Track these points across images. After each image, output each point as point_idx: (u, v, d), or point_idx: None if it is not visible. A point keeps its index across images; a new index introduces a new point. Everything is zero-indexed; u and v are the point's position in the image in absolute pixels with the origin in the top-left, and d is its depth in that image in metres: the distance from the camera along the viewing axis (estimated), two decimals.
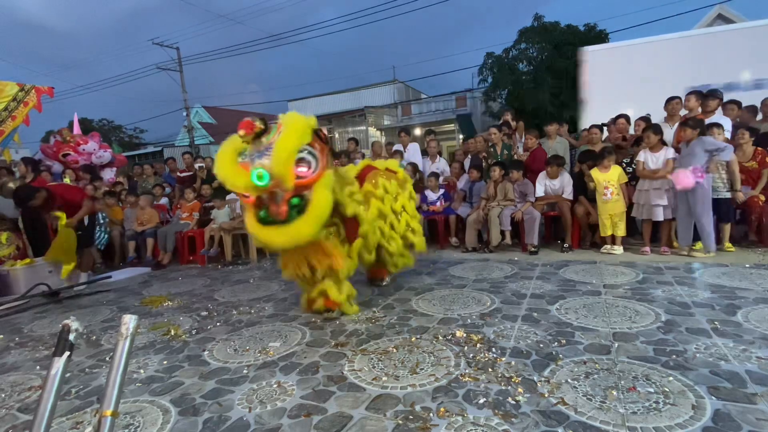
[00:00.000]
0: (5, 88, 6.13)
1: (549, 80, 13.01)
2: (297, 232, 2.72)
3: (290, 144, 2.69)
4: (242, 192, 2.79)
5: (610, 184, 4.65)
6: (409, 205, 3.86)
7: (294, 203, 2.74)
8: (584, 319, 2.84)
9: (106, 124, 29.68)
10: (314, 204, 2.75)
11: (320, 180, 2.80)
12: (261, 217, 2.80)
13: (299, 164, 2.73)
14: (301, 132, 2.76)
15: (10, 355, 3.02)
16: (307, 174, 2.75)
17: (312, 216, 2.73)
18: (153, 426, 1.94)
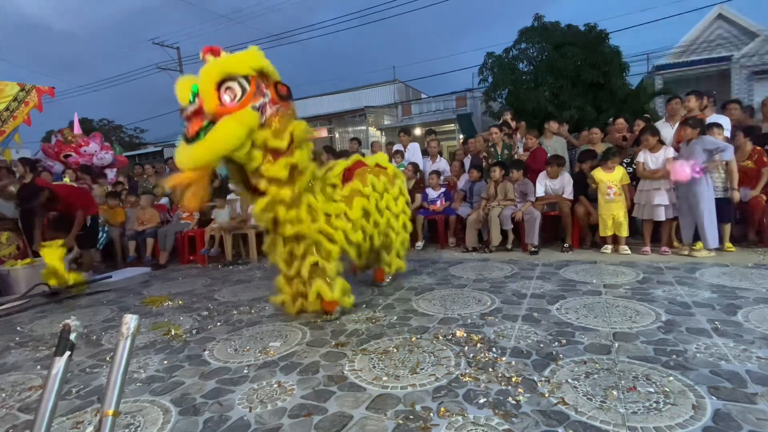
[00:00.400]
0: (5, 88, 6.14)
1: (549, 80, 12.97)
2: (190, 153, 2.52)
3: (218, 66, 2.58)
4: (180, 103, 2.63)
5: (613, 185, 4.64)
6: (394, 203, 3.72)
7: (204, 125, 2.53)
8: (584, 319, 2.84)
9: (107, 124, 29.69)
10: (214, 130, 2.51)
11: (235, 113, 2.57)
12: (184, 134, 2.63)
13: (226, 92, 2.58)
14: (237, 60, 2.64)
15: (11, 355, 3.02)
16: (228, 104, 2.57)
17: (206, 141, 2.50)
18: (153, 426, 1.95)
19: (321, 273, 3.05)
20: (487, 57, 14.55)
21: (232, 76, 2.59)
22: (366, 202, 3.40)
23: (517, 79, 13.83)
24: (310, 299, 3.10)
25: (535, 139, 5.69)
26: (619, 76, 13.09)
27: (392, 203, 3.71)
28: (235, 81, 2.59)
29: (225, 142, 2.53)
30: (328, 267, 3.04)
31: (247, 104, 2.61)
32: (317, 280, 3.04)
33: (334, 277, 3.09)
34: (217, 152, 2.54)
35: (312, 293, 3.06)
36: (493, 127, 6.05)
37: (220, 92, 2.55)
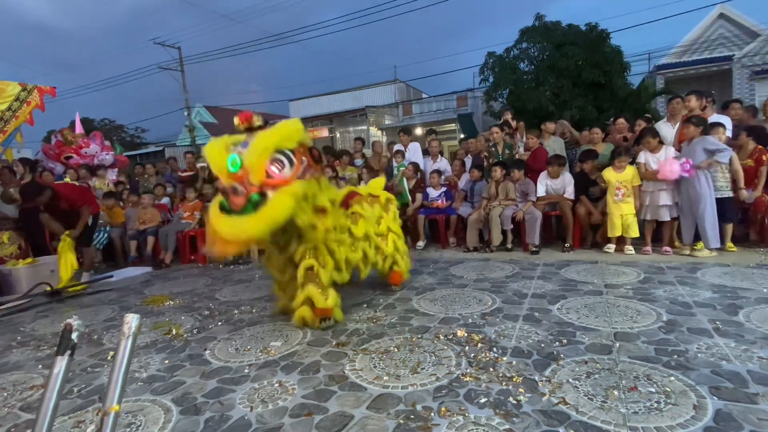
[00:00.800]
0: (7, 88, 6.14)
1: (550, 80, 12.96)
2: (242, 226, 2.57)
3: (270, 140, 2.66)
4: (216, 173, 2.71)
5: (623, 185, 4.63)
6: (395, 225, 3.80)
7: (253, 198, 2.60)
8: (585, 318, 2.84)
9: (108, 123, 29.75)
10: (270, 204, 2.59)
11: (288, 186, 2.67)
12: (222, 203, 2.68)
13: (273, 163, 2.66)
14: (285, 133, 2.73)
15: (12, 354, 3.03)
16: (276, 175, 2.66)
17: (262, 215, 2.56)
18: (155, 425, 1.95)
19: (313, 279, 2.96)
20: (488, 57, 14.54)
21: (280, 150, 2.67)
22: (368, 225, 3.45)
23: (518, 79, 13.82)
24: (296, 304, 3.00)
25: (536, 138, 5.69)
26: (620, 75, 13.07)
27: (394, 225, 3.78)
28: (281, 153, 2.68)
29: (280, 215, 2.60)
30: (322, 273, 2.97)
31: (295, 176, 2.72)
32: (309, 285, 2.95)
33: (327, 285, 3.01)
34: (273, 225, 2.59)
35: (300, 298, 2.98)
36: (494, 127, 6.05)
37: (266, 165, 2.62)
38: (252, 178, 2.60)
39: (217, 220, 2.66)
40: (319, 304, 2.94)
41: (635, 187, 4.64)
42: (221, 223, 2.63)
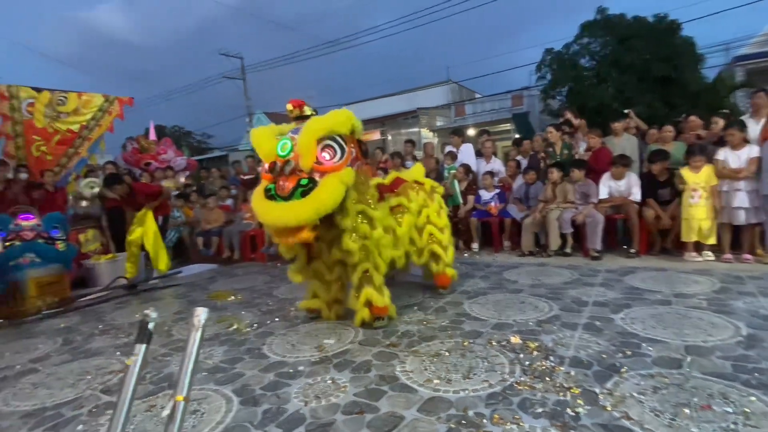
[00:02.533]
0: (93, 99, 6.80)
1: (613, 75, 12.26)
2: (291, 211, 2.52)
3: (322, 124, 2.65)
4: (264, 157, 2.73)
5: (699, 186, 4.29)
6: (436, 217, 3.64)
7: (302, 183, 2.57)
8: (652, 330, 2.66)
9: (178, 130, 31.86)
10: (319, 189, 2.55)
11: (337, 172, 2.64)
12: (267, 189, 2.63)
13: (325, 150, 2.64)
14: (338, 120, 2.72)
15: (95, 341, 3.34)
16: (327, 162, 2.64)
17: (312, 200, 2.52)
18: (217, 413, 2.07)
19: (370, 280, 3.01)
20: (545, 53, 14.04)
21: (332, 136, 2.69)
22: (413, 218, 3.42)
23: (579, 76, 13.21)
24: (358, 307, 3.03)
25: (597, 138, 5.39)
26: (693, 69, 12.12)
27: (435, 217, 3.63)
28: (333, 140, 2.69)
29: (332, 201, 2.57)
30: (376, 276, 3.02)
31: (346, 164, 2.72)
32: (367, 287, 2.99)
33: (381, 285, 3.05)
34: (323, 211, 2.56)
35: (361, 301, 3.00)
36: (550, 127, 5.82)
37: (317, 150, 2.64)
38: (302, 163, 2.59)
39: (263, 206, 2.61)
40: (378, 303, 2.98)
41: (712, 187, 4.27)
42: (267, 208, 2.59)
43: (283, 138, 2.69)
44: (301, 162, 2.58)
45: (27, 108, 6.20)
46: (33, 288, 4.34)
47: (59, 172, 6.36)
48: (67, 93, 6.57)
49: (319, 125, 2.66)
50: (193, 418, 2.03)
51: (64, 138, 6.49)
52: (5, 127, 6.09)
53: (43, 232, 4.58)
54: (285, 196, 2.56)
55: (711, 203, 4.24)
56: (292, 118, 2.91)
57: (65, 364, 2.91)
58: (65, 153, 6.54)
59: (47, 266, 4.51)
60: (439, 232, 3.62)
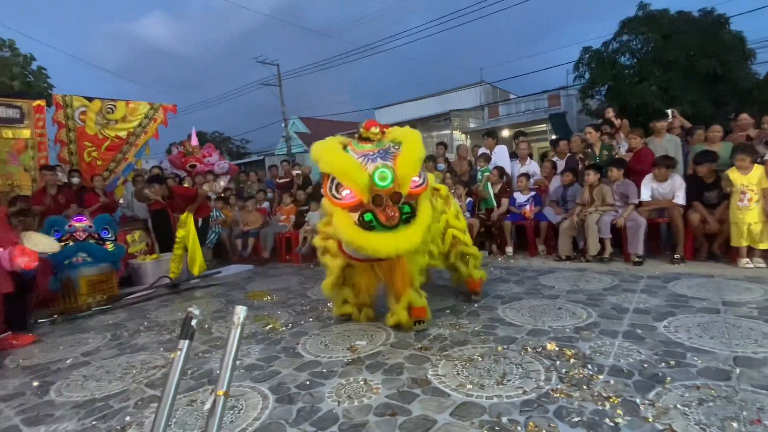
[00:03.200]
0: (139, 107, 7.17)
1: (656, 73, 11.75)
2: (407, 239, 2.62)
3: (418, 153, 2.80)
4: (357, 189, 2.65)
5: (748, 189, 4.05)
6: (456, 220, 3.68)
7: (405, 210, 2.67)
8: (698, 339, 2.53)
9: (218, 135, 33.04)
10: (422, 213, 2.73)
11: (424, 192, 2.85)
12: (365, 220, 2.64)
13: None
14: (422, 146, 2.89)
15: (140, 337, 3.52)
16: (416, 185, 2.77)
17: (420, 224, 2.69)
18: (254, 410, 2.14)
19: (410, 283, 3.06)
20: (583, 52, 13.66)
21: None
22: (438, 225, 3.48)
23: (618, 74, 12.77)
24: (398, 310, 3.04)
25: (639, 138, 5.18)
26: (742, 65, 11.47)
27: (454, 220, 3.67)
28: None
29: (429, 222, 2.79)
30: (416, 279, 3.10)
31: (427, 187, 2.91)
32: (409, 290, 3.03)
33: (418, 288, 3.12)
34: (426, 233, 2.76)
35: (402, 303, 3.02)
36: (588, 127, 5.64)
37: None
38: (404, 191, 2.68)
39: (369, 239, 2.63)
40: (417, 303, 3.03)
41: (764, 189, 4.02)
42: (377, 240, 2.62)
43: (381, 167, 2.68)
44: (403, 190, 2.69)
45: (79, 116, 6.61)
46: (84, 286, 4.62)
47: (108, 177, 6.73)
48: (115, 101, 6.95)
49: (418, 155, 2.81)
50: (231, 413, 2.11)
51: (113, 144, 6.88)
52: (60, 134, 6.51)
53: (94, 233, 4.87)
54: (392, 226, 2.65)
55: (762, 206, 4.00)
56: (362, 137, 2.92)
57: (113, 358, 3.08)
58: (114, 158, 6.91)
59: (97, 265, 4.79)
60: (461, 234, 3.67)
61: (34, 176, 6.02)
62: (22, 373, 2.95)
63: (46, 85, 11.59)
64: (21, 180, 5.93)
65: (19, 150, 5.94)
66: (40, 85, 11.36)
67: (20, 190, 5.80)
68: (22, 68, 11.41)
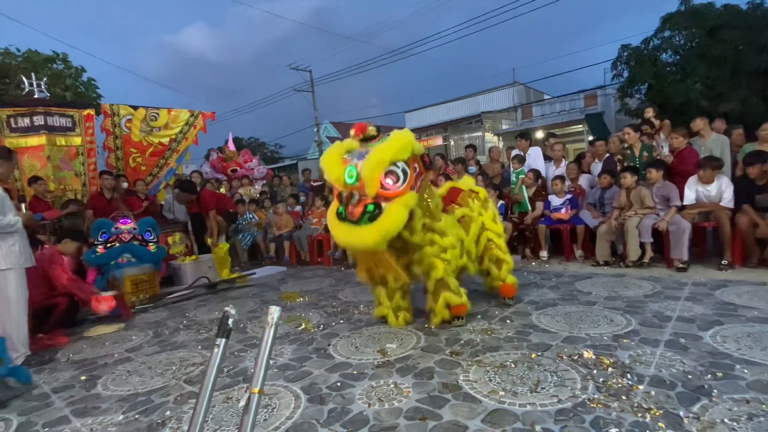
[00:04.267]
0: (180, 114, 7.49)
1: (701, 70, 11.18)
2: (360, 236, 2.72)
3: (384, 154, 2.77)
4: (333, 183, 2.94)
5: None
6: (493, 223, 3.67)
7: (368, 209, 2.74)
8: (748, 350, 2.38)
9: (253, 141, 33.99)
10: (384, 216, 2.71)
11: (401, 197, 2.78)
12: (339, 211, 2.86)
13: (388, 176, 2.78)
14: (399, 146, 2.83)
15: (180, 335, 3.65)
16: (391, 187, 2.78)
17: (378, 226, 2.69)
18: (287, 409, 2.18)
19: (445, 286, 3.14)
20: (621, 50, 13.18)
21: (394, 162, 2.81)
22: (477, 227, 3.55)
23: (660, 72, 12.23)
24: (438, 310, 3.15)
25: (682, 138, 4.94)
26: None
27: (491, 224, 3.67)
28: (395, 166, 2.81)
29: (395, 225, 2.73)
30: (451, 281, 3.16)
31: (408, 187, 2.84)
32: (443, 292, 3.13)
33: (456, 287, 3.19)
34: (388, 236, 2.72)
35: (440, 305, 3.14)
36: (627, 127, 5.43)
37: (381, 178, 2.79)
38: (368, 190, 2.75)
39: (335, 227, 2.87)
40: (454, 302, 3.14)
41: None
42: (339, 230, 2.83)
43: (350, 165, 2.83)
44: (367, 190, 2.76)
45: (125, 124, 6.97)
46: (128, 285, 4.85)
47: (151, 182, 7.06)
48: (158, 109, 7.28)
49: (381, 156, 2.77)
50: (265, 411, 2.16)
51: (156, 150, 7.21)
52: (108, 141, 6.88)
53: (138, 235, 5.11)
54: (354, 221, 2.76)
55: None
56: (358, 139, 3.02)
57: (155, 354, 3.21)
58: (157, 164, 7.25)
59: (141, 265, 5.03)
60: (497, 237, 3.66)
61: (84, 181, 6.39)
62: (72, 366, 3.13)
63: (95, 95, 12.27)
64: (72, 184, 6.31)
65: (71, 156, 6.32)
66: (89, 95, 12.04)
67: (72, 194, 6.17)
68: (74, 80, 12.14)
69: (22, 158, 5.87)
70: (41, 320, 3.77)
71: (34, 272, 3.55)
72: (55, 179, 6.11)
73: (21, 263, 3.20)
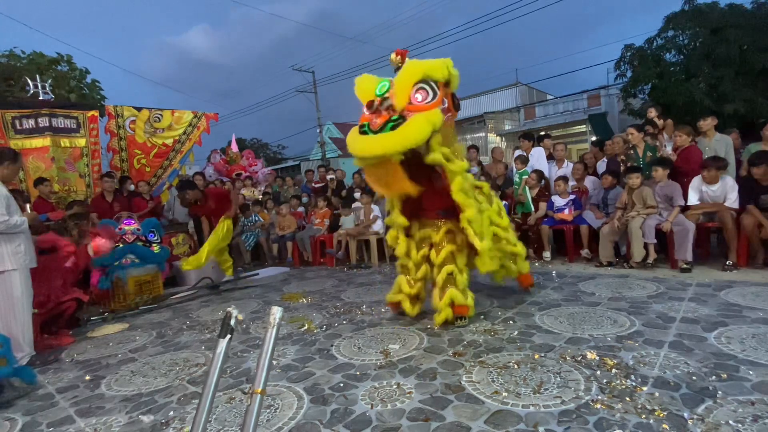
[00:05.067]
0: (184, 116, 7.53)
1: (705, 70, 11.13)
2: (378, 143, 2.65)
3: (419, 68, 2.78)
4: (363, 98, 2.90)
5: None
6: (498, 218, 3.68)
7: (393, 119, 2.71)
8: (753, 351, 2.37)
9: (256, 142, 34.07)
10: (407, 124, 2.66)
11: (427, 111, 2.73)
12: (361, 126, 2.81)
13: (418, 91, 2.77)
14: (436, 65, 2.81)
15: (183, 336, 3.66)
16: (419, 103, 2.76)
17: (398, 133, 2.63)
18: (289, 409, 2.18)
19: (453, 282, 3.18)
20: (625, 50, 13.14)
21: (426, 80, 2.79)
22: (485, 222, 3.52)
23: (663, 72, 12.18)
24: (442, 307, 3.16)
25: (685, 136, 4.90)
26: None
27: (497, 218, 3.66)
28: (427, 83, 2.80)
29: (416, 136, 2.67)
30: (460, 278, 3.19)
31: (436, 106, 2.81)
32: (450, 288, 3.16)
33: (464, 287, 3.20)
34: (407, 144, 2.66)
35: (445, 301, 3.15)
36: (630, 127, 5.41)
37: (411, 91, 2.78)
38: (395, 102, 2.73)
39: (354, 140, 2.79)
40: (459, 301, 3.14)
41: None
42: (357, 141, 2.76)
43: (383, 80, 2.86)
44: (395, 101, 2.73)
45: (129, 125, 7.00)
46: (132, 285, 4.87)
47: (155, 183, 7.09)
48: (162, 111, 7.32)
49: (416, 68, 2.78)
50: (268, 412, 2.16)
51: (160, 151, 7.24)
52: (112, 142, 6.92)
53: (142, 236, 5.13)
54: (375, 130, 2.71)
55: None
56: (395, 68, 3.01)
57: (158, 355, 3.22)
58: (161, 165, 7.28)
59: (144, 266, 5.04)
60: (503, 231, 3.65)
61: (88, 182, 6.42)
62: (76, 367, 3.15)
63: (100, 97, 12.34)
64: (77, 185, 6.34)
65: (75, 158, 6.36)
66: (94, 97, 12.11)
67: (76, 195, 6.21)
68: (78, 81, 12.22)
69: (27, 159, 5.91)
70: (50, 322, 3.79)
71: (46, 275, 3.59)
72: (59, 180, 6.15)
73: (26, 264, 3.22)
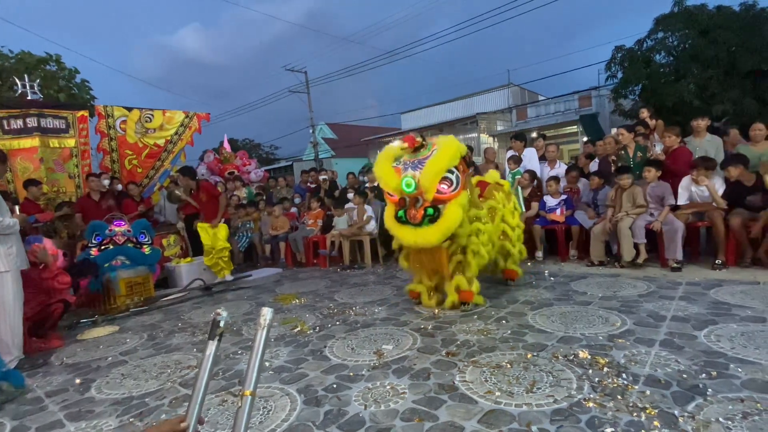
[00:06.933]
0: (175, 116, 7.46)
1: (694, 71, 11.27)
2: (424, 236, 3.21)
3: (440, 164, 3.22)
4: (391, 192, 3.37)
5: None
6: (510, 217, 4.08)
7: (429, 212, 3.20)
8: (742, 349, 2.40)
9: (249, 142, 33.87)
10: (445, 217, 3.19)
11: (456, 198, 3.24)
12: (399, 215, 3.31)
13: (443, 182, 3.23)
14: (451, 156, 3.27)
15: (175, 338, 3.63)
16: (446, 191, 3.24)
17: (440, 227, 3.18)
18: (282, 411, 2.17)
19: (461, 270, 3.52)
20: (615, 51, 13.26)
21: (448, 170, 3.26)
22: (499, 219, 3.96)
23: (653, 73, 12.31)
24: (450, 291, 3.52)
25: (675, 137, 4.95)
26: None
27: (509, 217, 4.07)
28: (449, 172, 3.27)
29: (454, 223, 3.22)
30: (468, 268, 3.50)
31: (461, 191, 3.31)
32: (458, 275, 3.51)
33: (472, 277, 3.52)
34: (449, 233, 3.24)
35: (451, 286, 3.51)
36: (621, 128, 5.46)
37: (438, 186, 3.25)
38: (427, 196, 3.23)
39: (399, 230, 3.36)
40: (464, 287, 3.51)
41: None
42: (404, 232, 3.32)
43: (406, 176, 3.27)
44: (426, 196, 3.24)
45: (120, 125, 6.93)
46: (123, 287, 4.82)
47: (146, 184, 7.02)
48: (153, 111, 7.25)
49: (437, 167, 3.22)
50: (260, 414, 2.14)
51: (152, 152, 7.18)
52: (103, 143, 6.84)
53: (132, 237, 5.08)
54: (416, 224, 3.24)
55: None
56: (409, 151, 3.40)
57: (149, 357, 3.19)
58: (153, 166, 7.21)
59: (135, 268, 4.99)
60: (510, 230, 4.04)
61: (78, 183, 6.34)
62: (66, 370, 3.11)
63: (89, 97, 12.19)
64: (66, 186, 6.26)
65: (65, 158, 6.28)
66: (83, 97, 11.96)
67: (65, 196, 6.13)
68: (67, 81, 12.06)
69: (15, 160, 5.83)
70: (39, 325, 3.73)
71: (33, 280, 3.53)
72: (48, 181, 6.07)
73: (18, 266, 3.18)
